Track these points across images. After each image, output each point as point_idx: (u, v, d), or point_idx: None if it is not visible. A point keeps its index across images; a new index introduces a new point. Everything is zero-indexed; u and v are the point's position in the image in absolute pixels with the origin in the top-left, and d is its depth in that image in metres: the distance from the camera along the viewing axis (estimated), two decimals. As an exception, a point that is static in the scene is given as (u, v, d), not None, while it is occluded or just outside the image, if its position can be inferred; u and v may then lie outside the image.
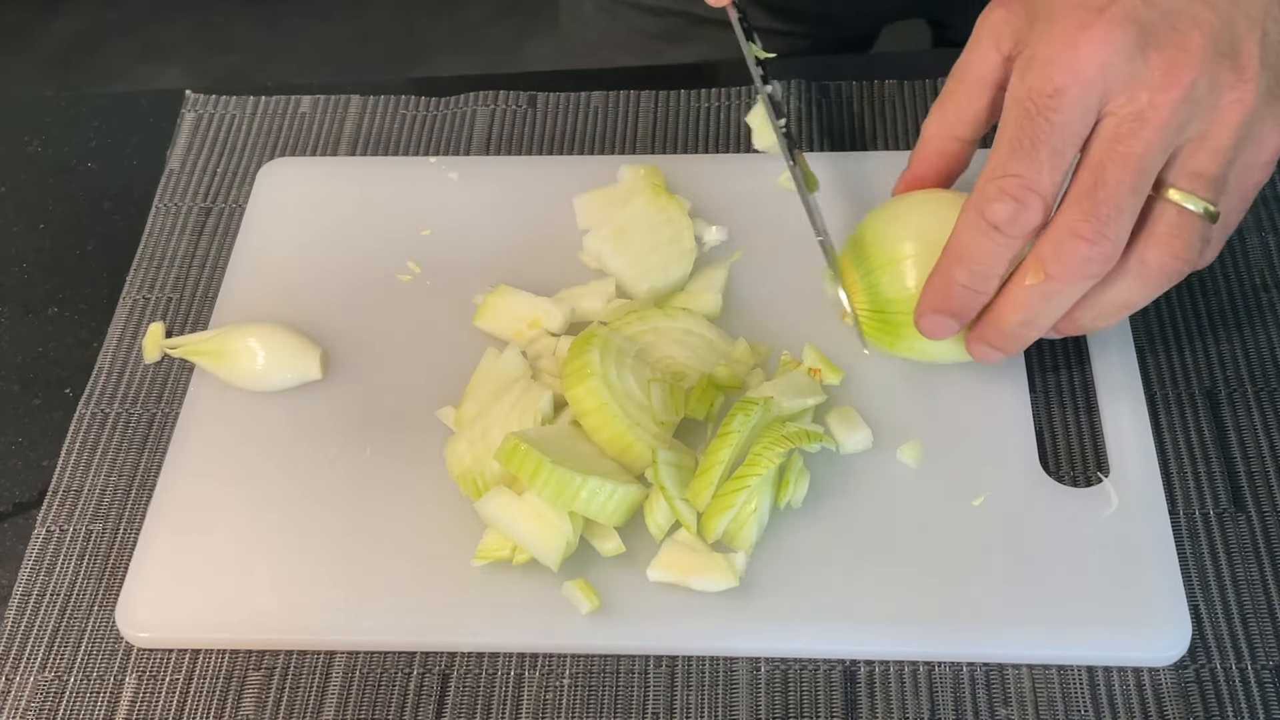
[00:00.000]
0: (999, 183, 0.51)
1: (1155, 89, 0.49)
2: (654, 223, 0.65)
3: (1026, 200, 0.50)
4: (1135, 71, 0.49)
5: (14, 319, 0.69)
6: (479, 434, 0.58)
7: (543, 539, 0.54)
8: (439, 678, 0.55)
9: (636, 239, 0.64)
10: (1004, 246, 0.52)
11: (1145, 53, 0.49)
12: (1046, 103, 0.49)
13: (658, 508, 0.55)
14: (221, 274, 0.68)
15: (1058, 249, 0.51)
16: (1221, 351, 0.62)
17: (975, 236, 0.52)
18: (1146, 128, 0.49)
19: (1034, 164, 0.50)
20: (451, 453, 0.58)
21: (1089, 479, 0.58)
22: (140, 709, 0.55)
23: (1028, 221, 0.51)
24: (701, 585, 0.54)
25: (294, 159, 0.73)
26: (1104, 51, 0.49)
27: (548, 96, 0.75)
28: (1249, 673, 0.53)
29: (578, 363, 0.57)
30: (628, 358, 0.59)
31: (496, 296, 0.64)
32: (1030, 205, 0.50)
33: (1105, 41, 0.49)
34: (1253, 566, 0.56)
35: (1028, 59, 0.51)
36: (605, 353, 0.58)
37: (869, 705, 0.53)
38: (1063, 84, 0.49)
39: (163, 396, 0.64)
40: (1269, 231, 0.67)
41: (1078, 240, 0.50)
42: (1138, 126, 0.49)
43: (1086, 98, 0.49)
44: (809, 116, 0.73)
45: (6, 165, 0.76)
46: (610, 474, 0.55)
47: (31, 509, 0.61)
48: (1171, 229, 0.51)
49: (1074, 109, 0.49)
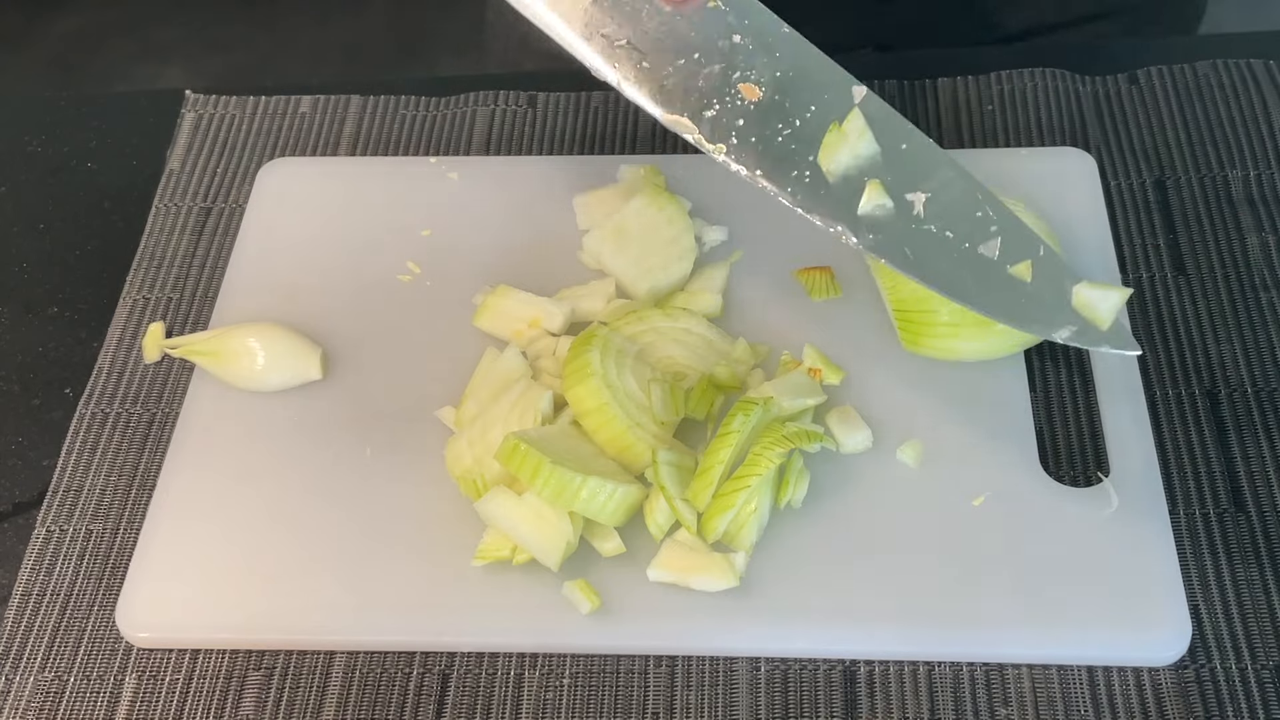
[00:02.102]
0: None
1: None
2: (654, 223, 0.65)
3: None
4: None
5: (14, 319, 0.69)
6: (479, 434, 0.58)
7: (543, 539, 0.54)
8: (439, 678, 0.55)
9: (636, 239, 0.64)
10: None
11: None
12: None
13: (658, 508, 0.55)
14: (221, 274, 0.68)
15: None
16: (1221, 351, 0.62)
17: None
18: None
19: None
20: (451, 453, 0.58)
21: (1089, 479, 0.58)
22: (140, 709, 0.55)
23: None
24: (702, 585, 0.54)
25: (294, 159, 0.73)
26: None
27: (548, 96, 0.75)
28: (1249, 673, 0.53)
29: (578, 363, 0.57)
30: (628, 358, 0.59)
31: (496, 297, 0.64)
32: None
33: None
34: (1253, 566, 0.56)
35: None
36: (605, 353, 0.58)
37: (869, 705, 0.53)
38: None
39: (163, 396, 0.64)
40: (1269, 231, 0.67)
41: None
42: None
43: None
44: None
45: (6, 165, 0.76)
46: (610, 474, 0.55)
47: (31, 509, 0.61)
48: None
49: None
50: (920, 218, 0.55)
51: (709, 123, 0.57)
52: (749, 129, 0.57)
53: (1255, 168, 0.69)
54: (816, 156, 0.56)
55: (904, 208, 0.55)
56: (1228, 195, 0.68)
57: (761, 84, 0.57)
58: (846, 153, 0.56)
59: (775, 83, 0.57)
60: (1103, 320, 0.54)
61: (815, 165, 0.56)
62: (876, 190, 0.55)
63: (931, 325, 0.59)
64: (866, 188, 0.56)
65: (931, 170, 0.57)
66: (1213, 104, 0.72)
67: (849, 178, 0.56)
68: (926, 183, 0.56)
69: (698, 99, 0.57)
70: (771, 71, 0.57)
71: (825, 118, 0.57)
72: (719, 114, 0.57)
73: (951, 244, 0.55)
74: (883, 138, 0.56)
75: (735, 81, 0.57)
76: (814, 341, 0.62)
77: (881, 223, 0.55)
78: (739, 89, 0.57)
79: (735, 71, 0.57)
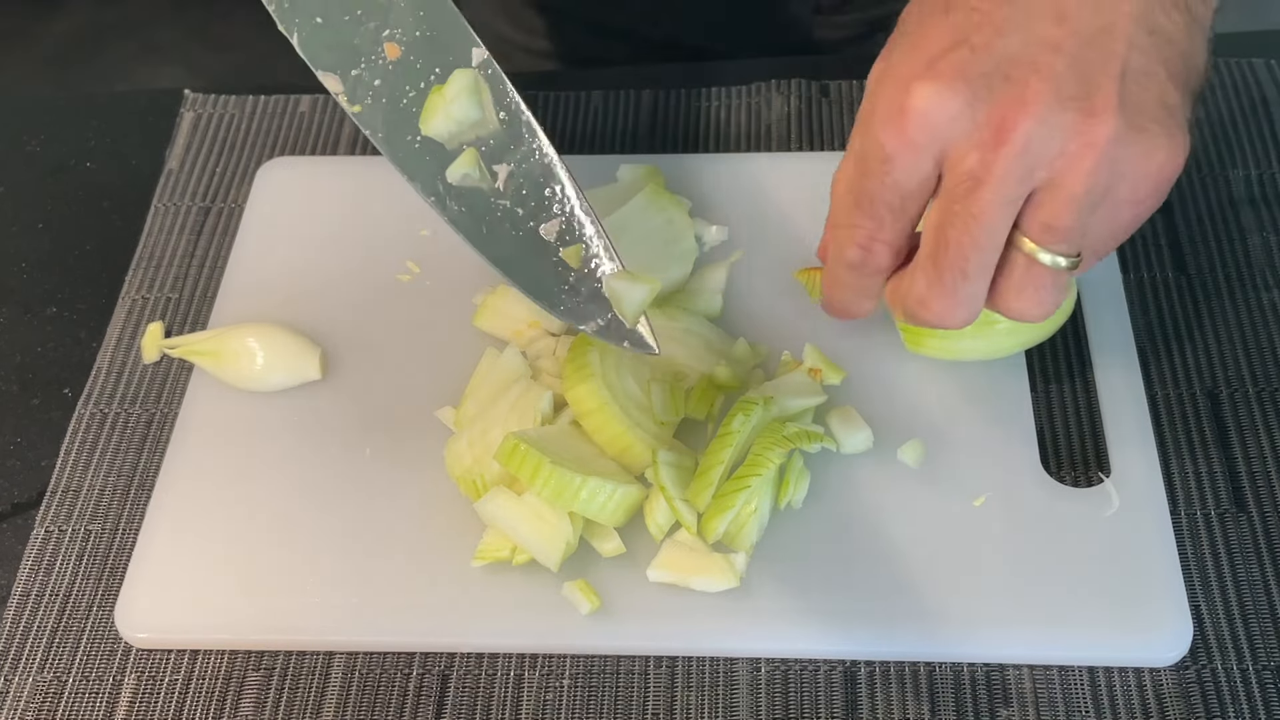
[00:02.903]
0: (848, 231, 0.50)
1: (986, 146, 0.46)
2: (654, 223, 0.65)
3: (872, 249, 0.50)
4: (965, 129, 0.46)
5: (14, 319, 0.69)
6: (479, 434, 0.58)
7: (543, 539, 0.54)
8: (439, 678, 0.55)
9: (636, 239, 0.64)
10: (865, 279, 0.52)
11: (974, 107, 0.46)
12: (879, 167, 0.48)
13: (658, 508, 0.55)
14: (221, 274, 0.68)
15: (913, 314, 0.50)
16: (1222, 351, 0.62)
17: (839, 269, 0.52)
18: (981, 187, 0.46)
19: (874, 219, 0.50)
20: (451, 453, 0.58)
21: (1090, 479, 0.58)
22: (140, 709, 0.55)
23: (877, 264, 0.51)
24: (702, 586, 0.54)
25: (293, 159, 0.73)
26: (930, 115, 0.47)
27: (548, 96, 0.75)
28: (1250, 673, 0.53)
29: (578, 363, 0.57)
30: (627, 358, 0.59)
31: (496, 297, 0.64)
32: (876, 252, 0.50)
33: (932, 102, 0.46)
34: (1253, 566, 0.56)
35: (866, 114, 0.49)
36: (605, 353, 0.58)
37: (869, 705, 0.53)
38: (891, 151, 0.47)
39: (162, 396, 0.64)
40: (1269, 231, 0.67)
41: (927, 309, 0.49)
42: (972, 186, 0.46)
43: (919, 162, 0.47)
44: (809, 116, 0.73)
45: (6, 165, 0.76)
46: (610, 474, 0.55)
47: (30, 509, 0.61)
48: (1024, 280, 0.49)
49: (906, 172, 0.48)
50: (500, 191, 0.55)
51: (353, 80, 0.56)
52: (383, 88, 0.56)
53: (1256, 167, 0.69)
54: None
55: (489, 179, 0.55)
56: (1229, 195, 0.68)
57: (403, 43, 0.56)
58: (443, 117, 0.55)
59: (414, 42, 0.56)
60: (629, 314, 0.54)
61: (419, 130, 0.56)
62: (469, 159, 0.55)
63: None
64: (460, 156, 0.55)
65: (519, 142, 0.56)
66: (1214, 103, 0.72)
67: (448, 146, 0.56)
68: (512, 155, 0.56)
69: (350, 55, 0.56)
70: (414, 31, 0.56)
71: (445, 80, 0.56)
72: (362, 72, 0.56)
73: (520, 220, 0.55)
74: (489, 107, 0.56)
75: (383, 40, 0.56)
76: (815, 341, 0.62)
77: (467, 194, 0.55)
78: (384, 47, 0.56)
79: (385, 30, 0.57)
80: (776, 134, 0.72)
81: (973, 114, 0.46)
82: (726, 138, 0.73)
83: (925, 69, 0.47)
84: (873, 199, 0.49)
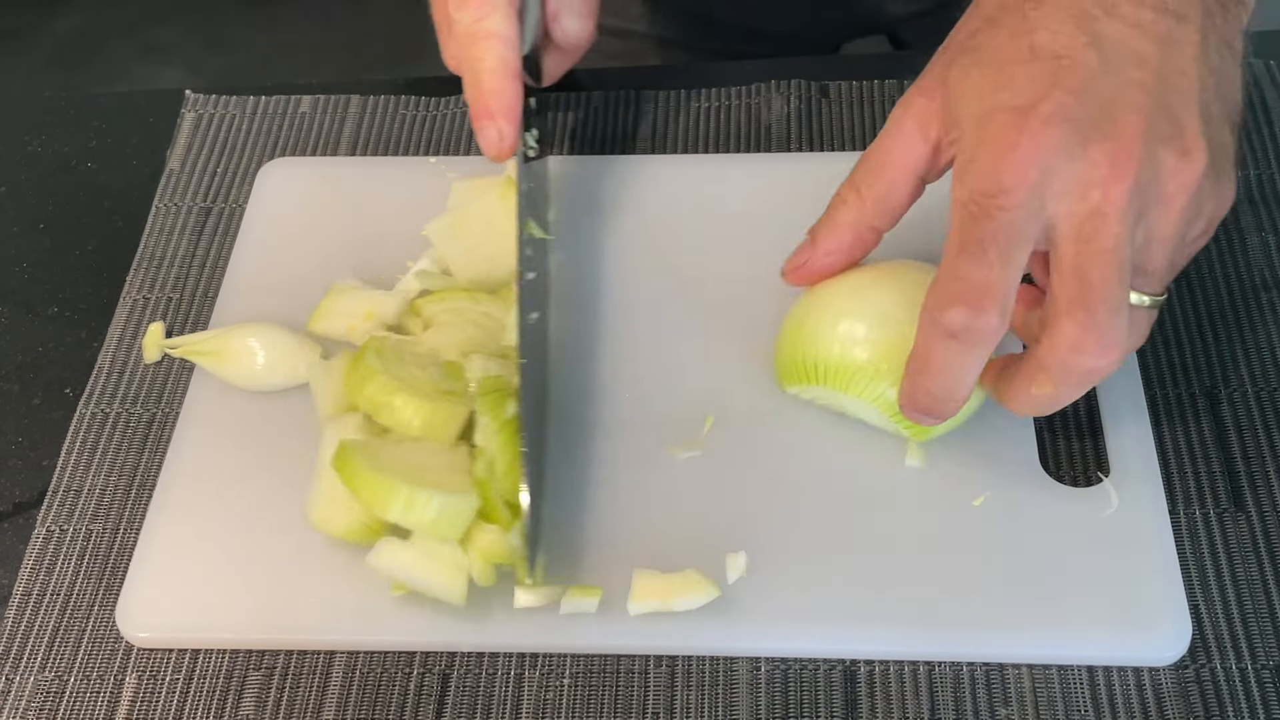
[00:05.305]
0: (950, 287, 0.49)
1: (1106, 182, 0.47)
2: (496, 215, 0.64)
3: (980, 304, 0.48)
4: (1080, 170, 0.47)
5: (14, 319, 0.69)
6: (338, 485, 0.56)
7: (442, 578, 0.54)
8: (439, 678, 0.55)
9: (475, 229, 0.64)
10: (966, 354, 0.49)
11: (1086, 148, 0.47)
12: (991, 203, 0.47)
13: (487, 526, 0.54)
14: (221, 274, 0.68)
15: (1063, 366, 0.48)
16: (1221, 351, 0.62)
17: (935, 345, 0.50)
18: (1110, 221, 0.47)
19: (983, 264, 0.48)
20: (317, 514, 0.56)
21: (1089, 479, 0.58)
22: (140, 709, 0.55)
23: (984, 326, 0.48)
24: (684, 605, 0.54)
25: (294, 159, 0.73)
26: (1044, 153, 0.47)
27: (546, 96, 0.75)
28: (1249, 673, 0.53)
29: (358, 371, 0.57)
30: (406, 353, 0.59)
31: (331, 297, 0.63)
32: (985, 309, 0.48)
33: (1044, 142, 0.47)
34: (1253, 566, 0.56)
35: (966, 162, 0.49)
36: (382, 354, 0.58)
37: (869, 705, 0.53)
38: (1009, 184, 0.47)
39: (163, 396, 0.64)
40: (1269, 231, 0.67)
41: (1081, 355, 0.48)
42: (1101, 223, 0.47)
43: (1032, 199, 0.47)
44: (809, 116, 0.73)
45: (6, 165, 0.76)
46: (449, 487, 0.53)
47: (31, 509, 0.61)
48: None
49: (1020, 209, 0.47)
50: None
51: None
52: None
53: (1256, 167, 0.69)
54: None
55: None
56: (1228, 195, 0.68)
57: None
58: None
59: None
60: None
61: None
62: None
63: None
64: None
65: None
66: (1213, 104, 0.72)
67: None
68: None
69: None
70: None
71: None
72: None
73: None
74: None
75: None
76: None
77: None
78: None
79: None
80: (776, 134, 0.72)
81: (1085, 153, 0.47)
82: (726, 138, 0.73)
83: (1029, 115, 0.47)
84: (981, 241, 0.48)
